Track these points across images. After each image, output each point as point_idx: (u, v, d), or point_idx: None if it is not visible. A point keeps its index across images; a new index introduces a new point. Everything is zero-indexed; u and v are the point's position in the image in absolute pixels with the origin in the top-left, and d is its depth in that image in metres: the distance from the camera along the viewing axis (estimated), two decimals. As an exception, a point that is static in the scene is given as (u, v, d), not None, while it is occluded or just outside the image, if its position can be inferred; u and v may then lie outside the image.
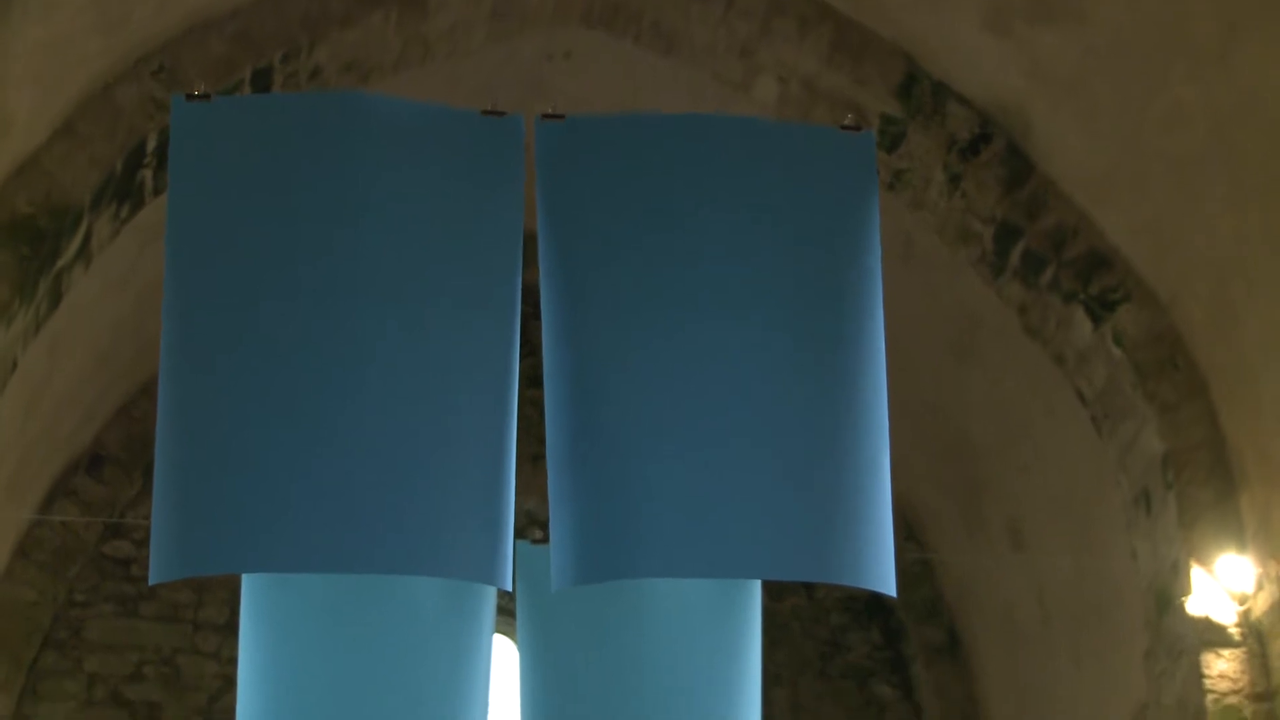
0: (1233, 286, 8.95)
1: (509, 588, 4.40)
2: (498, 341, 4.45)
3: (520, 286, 4.56)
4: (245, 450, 4.16)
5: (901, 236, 10.65)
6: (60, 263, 8.69)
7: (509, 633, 11.75)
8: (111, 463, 12.81)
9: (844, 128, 4.96)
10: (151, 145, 8.97)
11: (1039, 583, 12.08)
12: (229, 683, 11.52)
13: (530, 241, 4.66)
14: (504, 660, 11.93)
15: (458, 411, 4.34)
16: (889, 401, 4.54)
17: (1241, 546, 9.02)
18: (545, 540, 4.90)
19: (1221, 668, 8.90)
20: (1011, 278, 10.04)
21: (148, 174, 9.09)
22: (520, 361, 4.55)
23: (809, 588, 13.88)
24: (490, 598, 5.69)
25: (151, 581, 4.11)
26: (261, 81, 9.24)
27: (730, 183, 4.55)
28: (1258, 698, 8.83)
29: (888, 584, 4.36)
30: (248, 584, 5.48)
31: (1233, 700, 8.85)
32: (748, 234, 4.55)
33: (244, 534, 4.12)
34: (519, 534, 5.77)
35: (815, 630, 13.80)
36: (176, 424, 4.23)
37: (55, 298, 8.86)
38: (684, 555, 4.32)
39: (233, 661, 5.46)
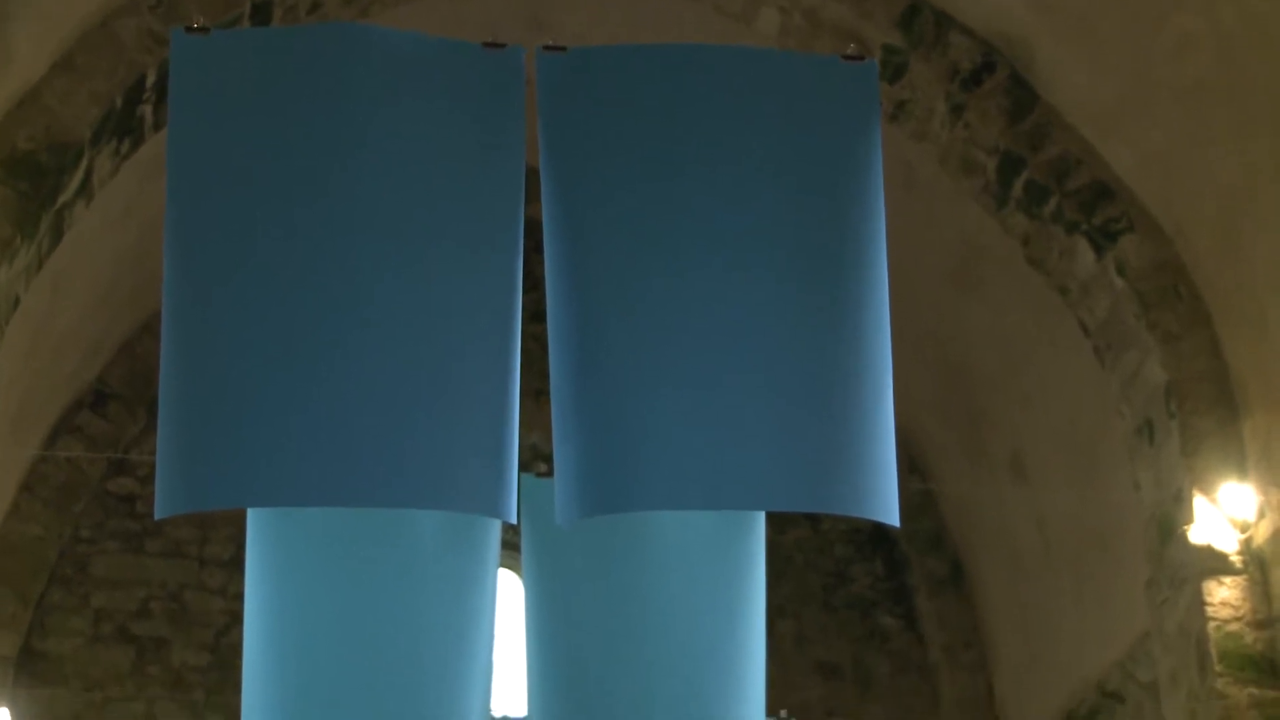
0: (1238, 215, 8.93)
1: (513, 521, 4.41)
2: (499, 275, 4.44)
3: (522, 221, 4.55)
4: (248, 385, 4.16)
5: (903, 167, 10.61)
6: (61, 199, 8.67)
7: (514, 567, 11.80)
8: (115, 399, 12.83)
9: (846, 58, 4.93)
10: (151, 80, 8.93)
11: (1041, 513, 12.12)
12: (235, 618, 11.58)
13: (533, 176, 4.64)
14: (509, 594, 11.98)
15: (460, 345, 4.33)
16: (892, 332, 4.53)
17: (1244, 475, 9.03)
18: (550, 474, 4.91)
19: (1223, 595, 8.93)
20: (1014, 208, 10.01)
21: (148, 109, 9.06)
22: (523, 296, 4.54)
23: (813, 520, 13.93)
24: (494, 532, 5.70)
25: (157, 516, 4.12)
26: (261, 15, 9.19)
27: (733, 113, 4.53)
28: (1259, 625, 8.87)
29: (891, 514, 4.36)
30: (253, 520, 5.49)
31: (1234, 628, 8.88)
32: (750, 165, 4.53)
33: (247, 469, 4.13)
34: (523, 468, 5.78)
35: (819, 562, 13.86)
36: (179, 359, 4.23)
37: (57, 234, 8.85)
38: (687, 487, 4.32)
39: (239, 597, 5.48)
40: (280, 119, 4.31)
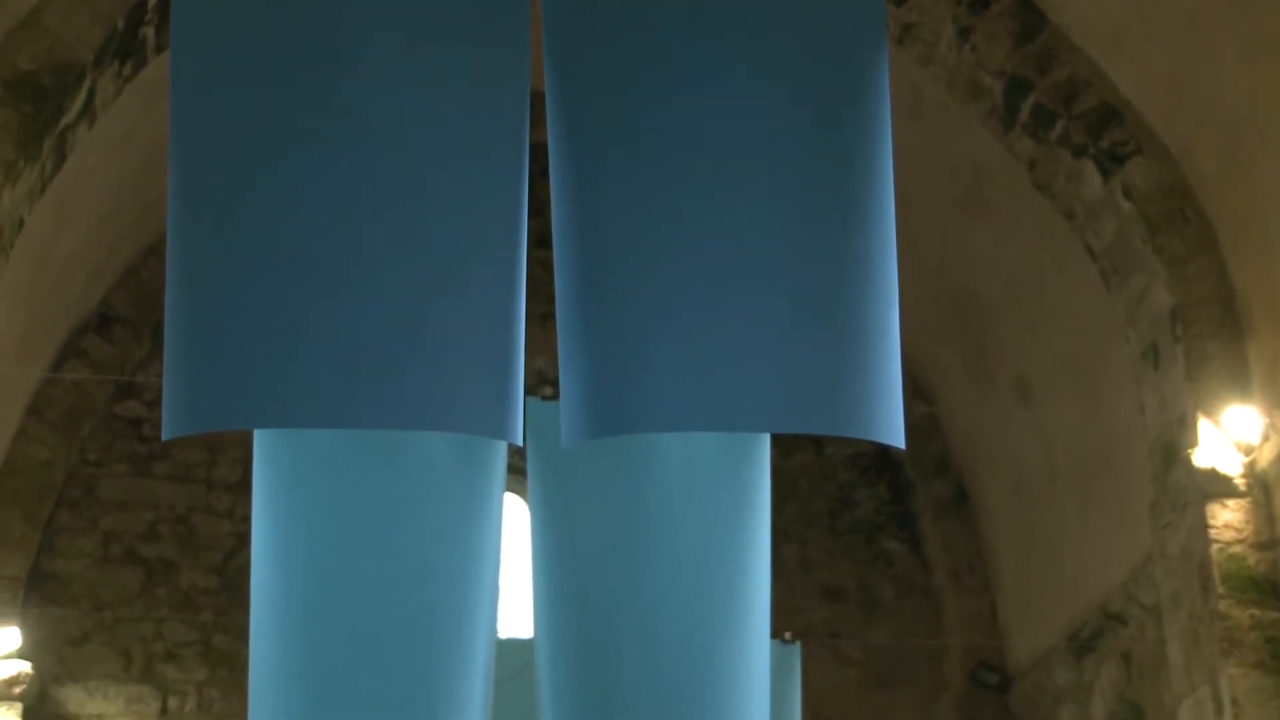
0: (1245, 137, 8.89)
1: (519, 443, 4.40)
2: (504, 199, 4.42)
3: (527, 145, 4.53)
4: (254, 307, 4.16)
5: (910, 91, 10.55)
6: (64, 121, 8.64)
7: (520, 491, 11.84)
8: (120, 323, 12.84)
9: (853, -20, 4.88)
10: (153, 1, 8.88)
11: (1046, 437, 12.14)
12: (243, 541, 11.66)
13: (538, 100, 4.63)
14: (515, 519, 12.03)
15: (464, 268, 4.32)
16: (898, 257, 4.52)
17: (1248, 398, 9.04)
18: (555, 398, 4.91)
19: (1226, 518, 8.96)
20: (1021, 132, 9.97)
21: (150, 30, 9.00)
22: (529, 221, 4.52)
23: (817, 445, 13.97)
24: (500, 455, 5.71)
25: (165, 438, 4.12)
26: (262, -64, 9.10)
27: (741, 34, 4.50)
28: (1262, 547, 8.91)
29: (896, 436, 4.36)
30: (259, 442, 5.50)
31: (1237, 550, 8.92)
32: (758, 88, 4.50)
33: (253, 390, 4.13)
34: (529, 393, 5.78)
35: (824, 486, 13.91)
36: (184, 281, 4.23)
37: (60, 156, 8.83)
38: (693, 409, 4.32)
39: (246, 520, 5.50)
40: (283, 39, 4.29)
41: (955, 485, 13.63)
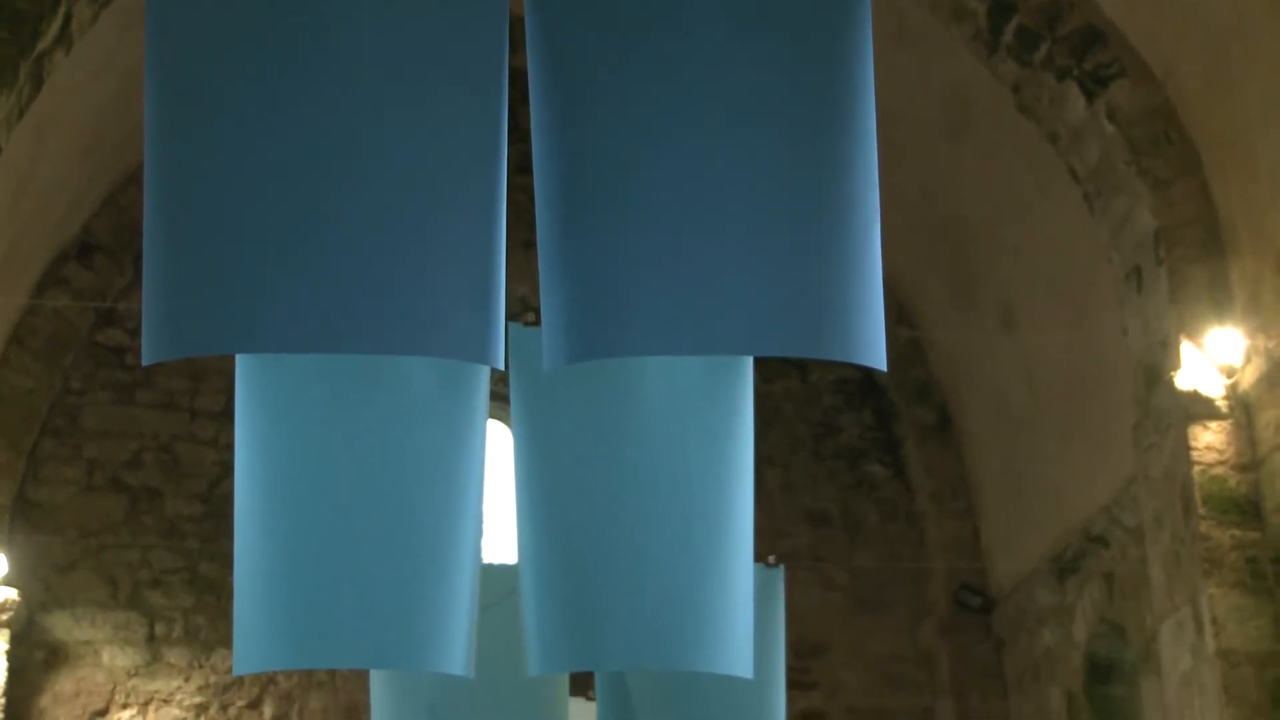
0: (1229, 56, 8.85)
1: (500, 367, 4.40)
2: (484, 125, 4.40)
3: (507, 71, 4.50)
4: (233, 231, 4.14)
5: (894, 16, 10.49)
6: (40, 46, 8.56)
7: (503, 417, 11.85)
8: (101, 251, 12.79)
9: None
10: (129, -76, 8.79)
11: (1029, 362, 12.17)
12: (227, 469, 11.66)
13: (518, 25, 4.60)
14: (499, 445, 12.05)
15: (445, 192, 4.30)
16: (880, 184, 4.51)
17: (1231, 320, 9.06)
18: (538, 323, 4.90)
19: (1208, 440, 9.00)
20: (1005, 55, 9.92)
21: (126, -46, 8.92)
22: (510, 147, 4.50)
23: (801, 371, 13.98)
24: (483, 380, 5.70)
25: (145, 363, 4.11)
26: None
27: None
28: (1243, 468, 8.95)
29: (878, 359, 4.36)
30: (241, 369, 5.49)
31: (1219, 471, 8.96)
32: (739, 14, 4.47)
33: (233, 314, 4.12)
34: (512, 319, 5.77)
35: (808, 412, 13.94)
36: (162, 205, 4.20)
37: (37, 82, 8.75)
38: (676, 332, 4.32)
39: (230, 448, 5.50)
40: (261, -38, 4.26)
41: (939, 410, 13.66)
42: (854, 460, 13.87)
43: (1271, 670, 8.69)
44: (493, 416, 9.98)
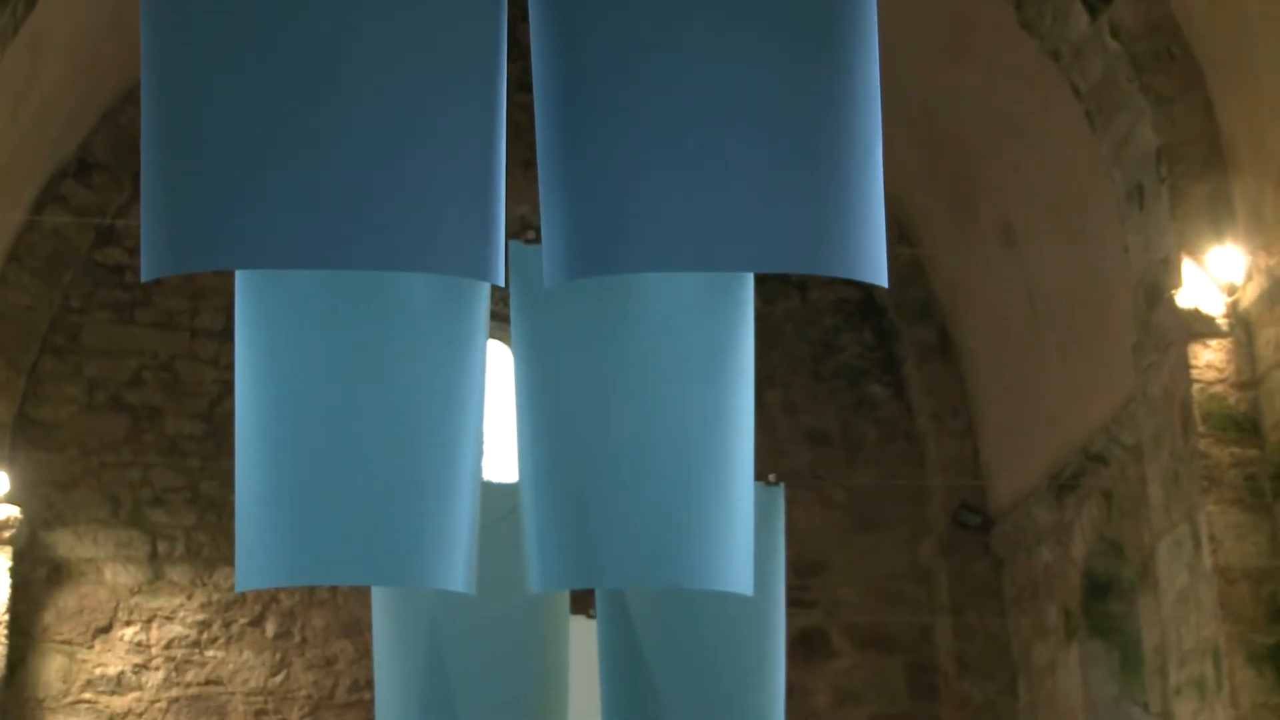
0: (1233, -28, 8.80)
1: (500, 283, 4.40)
2: (483, 41, 4.37)
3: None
4: (232, 146, 4.12)
5: (897, -70, 10.40)
6: (35, -40, 8.50)
7: (504, 337, 11.86)
8: (100, 169, 12.74)
9: None
10: None
11: (1029, 280, 12.15)
12: (227, 388, 11.68)
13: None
14: (499, 364, 12.06)
15: (444, 109, 4.28)
16: (881, 101, 4.49)
17: (1233, 238, 9.04)
18: (538, 241, 4.89)
19: (1208, 358, 9.00)
20: (1008, -29, 9.85)
21: None
22: (509, 65, 4.47)
23: (801, 290, 13.97)
24: (483, 299, 5.68)
25: (144, 279, 4.10)
26: None
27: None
28: (1243, 386, 8.96)
29: (879, 275, 4.35)
30: (241, 287, 5.47)
31: (1218, 389, 8.97)
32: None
33: (232, 230, 4.11)
34: (512, 238, 5.75)
35: (808, 332, 13.93)
36: (161, 122, 4.18)
37: (31, -3, 8.69)
38: (676, 249, 4.31)
39: (230, 368, 5.49)
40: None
41: (939, 329, 13.66)
42: (854, 380, 13.88)
43: (1268, 586, 8.74)
44: (493, 336, 9.98)
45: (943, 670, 13.09)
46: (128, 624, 12.43)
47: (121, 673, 12.35)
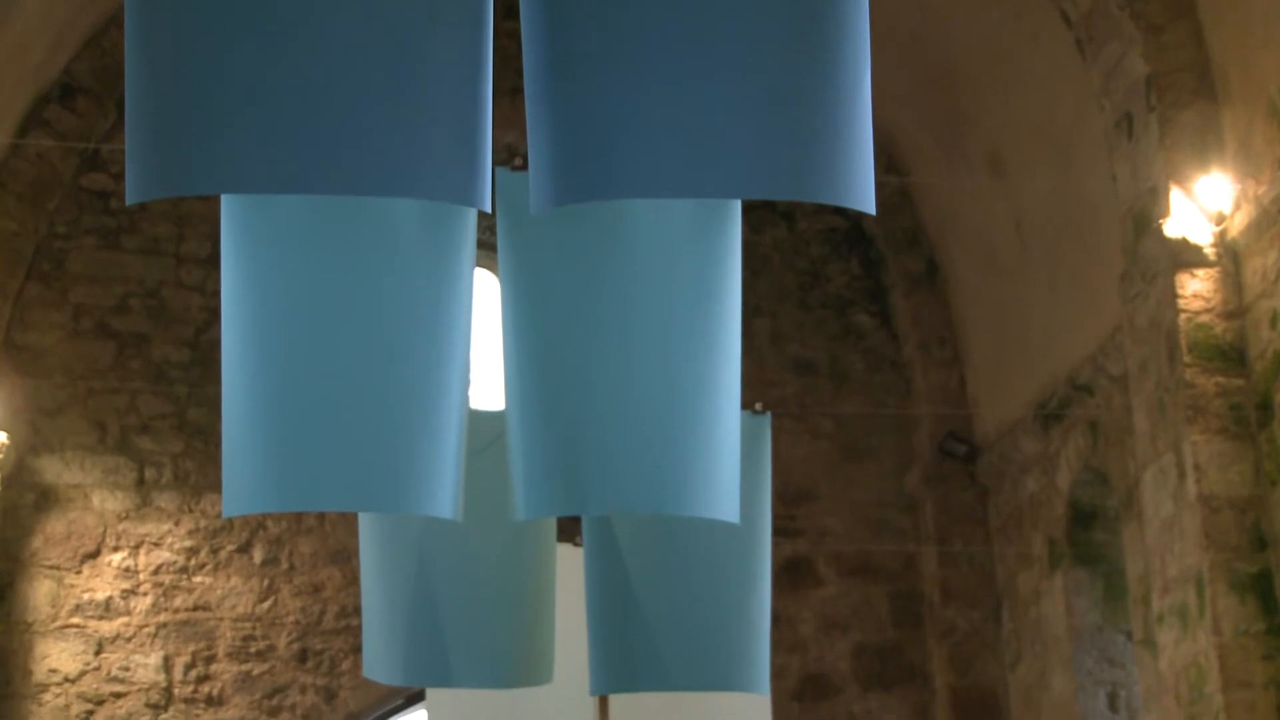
0: (1225, -102, 8.75)
1: (487, 209, 4.38)
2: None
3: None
4: (216, 70, 4.09)
5: None
6: (17, -118, 8.40)
7: (490, 266, 11.84)
8: (84, 94, 12.66)
9: None
10: None
11: (1017, 209, 12.14)
12: (214, 315, 11.67)
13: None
14: (486, 292, 12.05)
15: (429, 32, 4.25)
16: (871, 29, 4.46)
17: (1221, 167, 9.03)
18: (525, 168, 4.87)
19: (1195, 288, 9.02)
20: (999, -103, 9.78)
21: None
22: (495, -7, 4.44)
23: (789, 220, 13.94)
24: (470, 226, 5.66)
25: (128, 202, 4.08)
26: None
27: None
28: (1229, 315, 8.97)
29: (867, 202, 4.34)
30: (226, 213, 5.44)
31: (1205, 319, 8.99)
32: None
33: (217, 154, 4.08)
34: (499, 166, 5.71)
35: (795, 261, 13.92)
36: (145, 45, 4.15)
37: (14, -80, 8.59)
38: (664, 175, 4.29)
39: (217, 295, 5.47)
40: None
41: (926, 259, 13.65)
42: (841, 309, 13.88)
43: (1251, 514, 8.79)
44: (480, 264, 9.96)
45: (927, 598, 13.17)
46: (115, 550, 12.46)
47: (110, 598, 12.40)
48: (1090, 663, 11.51)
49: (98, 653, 12.29)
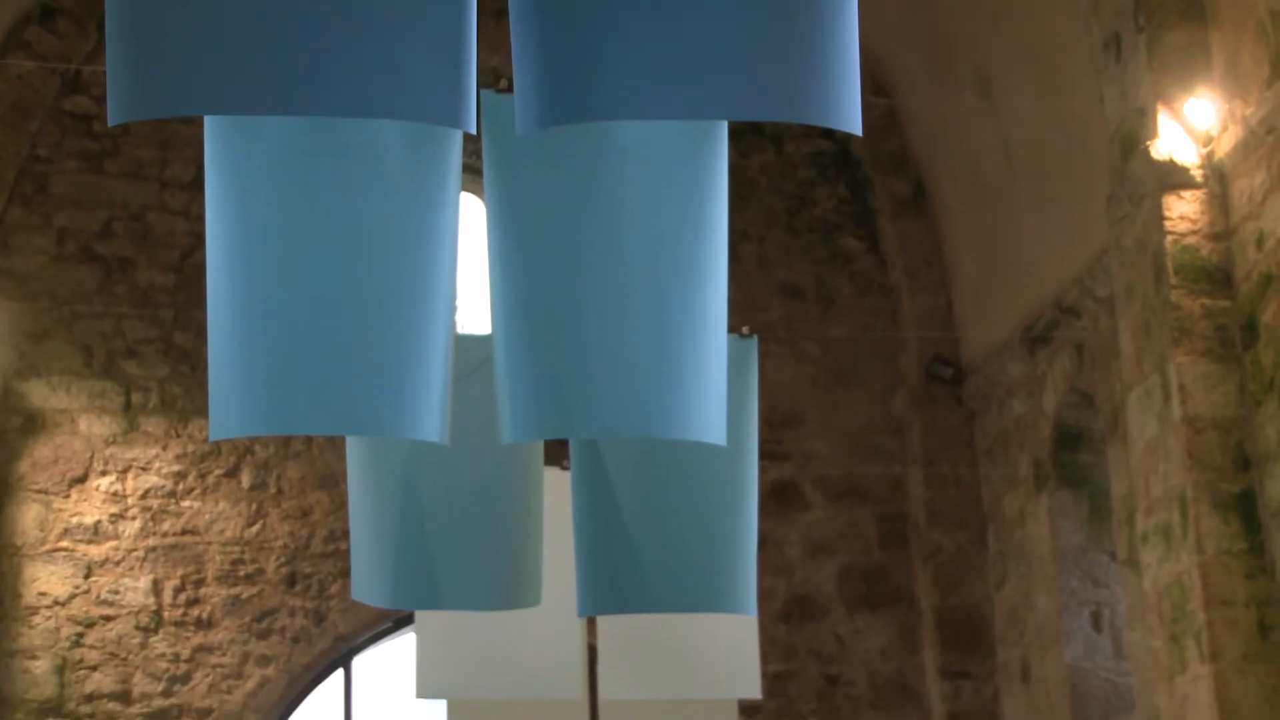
0: None
1: (473, 130, 4.36)
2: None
3: None
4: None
5: None
6: None
7: (476, 190, 11.80)
8: (64, 14, 12.56)
9: None
10: None
11: (1005, 133, 12.11)
12: (199, 240, 11.62)
13: None
14: (472, 216, 12.01)
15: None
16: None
17: (1210, 88, 9.00)
18: (510, 90, 4.84)
19: (1182, 209, 9.01)
20: None
21: None
22: (481, -90, 4.41)
23: (776, 143, 13.89)
24: (455, 150, 5.63)
25: (110, 123, 4.05)
26: None
27: None
28: (1215, 237, 8.98)
29: (853, 123, 4.32)
30: (210, 136, 5.41)
31: (1191, 240, 8.99)
32: None
33: (200, 75, 4.05)
34: (484, 89, 5.68)
35: (783, 186, 13.89)
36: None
37: None
38: (650, 96, 4.27)
39: (201, 219, 5.44)
40: None
41: (914, 182, 13.62)
42: (828, 233, 13.87)
43: (1235, 435, 8.83)
44: (466, 189, 9.91)
45: (914, 521, 13.23)
46: (103, 474, 12.48)
47: (98, 522, 12.43)
48: (1074, 583, 11.60)
49: (87, 576, 12.34)
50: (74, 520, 12.38)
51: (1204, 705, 8.66)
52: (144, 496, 12.51)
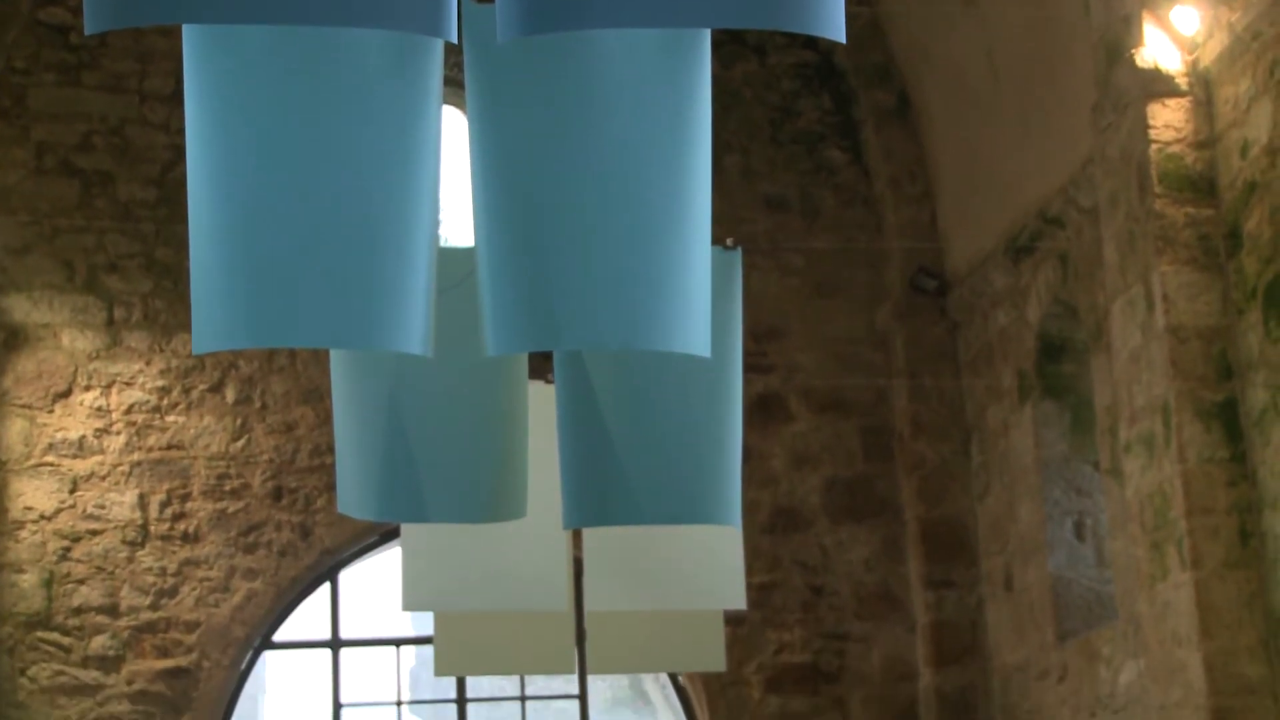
0: None
1: (454, 39, 4.33)
2: None
3: None
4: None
5: None
6: None
7: (459, 103, 11.73)
8: (39, -75, 12.42)
9: None
10: None
11: (990, 42, 12.04)
12: (179, 154, 11.53)
13: None
14: (454, 129, 11.95)
15: None
16: None
17: (1195, -5, 8.96)
18: (492, 1, 4.80)
19: (1166, 118, 8.98)
20: None
21: None
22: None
23: (760, 54, 13.81)
24: (436, 60, 5.58)
25: (87, 31, 4.02)
26: None
27: None
28: (1200, 145, 8.96)
29: (836, 30, 4.30)
30: (189, 48, 5.36)
31: (1175, 149, 8.97)
32: None
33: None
34: (465, -1, 5.63)
35: (766, 97, 13.82)
36: None
37: None
38: (631, 3, 4.24)
39: (182, 133, 5.40)
40: None
41: (898, 93, 13.56)
42: (812, 145, 13.82)
43: (1218, 344, 8.85)
44: (448, 102, 9.85)
45: (898, 432, 13.28)
46: (87, 389, 12.47)
47: (83, 437, 12.43)
48: (1057, 493, 11.67)
49: (72, 491, 12.36)
50: (59, 435, 12.38)
51: (1185, 612, 8.74)
52: (128, 411, 12.51)
